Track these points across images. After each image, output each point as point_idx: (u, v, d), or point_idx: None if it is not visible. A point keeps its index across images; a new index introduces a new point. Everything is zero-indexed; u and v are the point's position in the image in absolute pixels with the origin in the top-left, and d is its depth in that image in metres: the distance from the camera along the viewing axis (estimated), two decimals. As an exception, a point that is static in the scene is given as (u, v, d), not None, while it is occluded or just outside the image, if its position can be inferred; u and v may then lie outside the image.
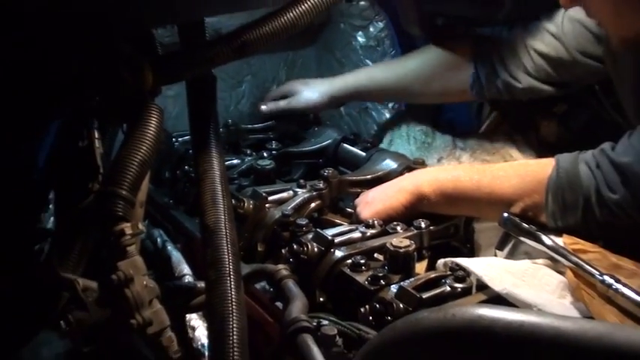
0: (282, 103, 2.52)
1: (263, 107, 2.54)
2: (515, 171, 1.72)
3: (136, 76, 1.28)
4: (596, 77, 2.03)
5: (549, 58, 2.05)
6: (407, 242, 1.58)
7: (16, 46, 1.17)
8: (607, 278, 1.42)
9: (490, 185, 1.70)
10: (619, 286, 1.40)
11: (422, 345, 1.05)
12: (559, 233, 1.59)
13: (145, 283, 1.25)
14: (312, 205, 1.88)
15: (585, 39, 1.97)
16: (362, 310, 1.49)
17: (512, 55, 2.12)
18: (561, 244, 1.55)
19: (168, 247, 1.89)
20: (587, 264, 1.47)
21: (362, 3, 2.74)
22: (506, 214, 1.65)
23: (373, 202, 1.84)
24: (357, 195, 1.96)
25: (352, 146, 2.28)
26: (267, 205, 1.84)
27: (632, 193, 1.50)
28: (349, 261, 1.59)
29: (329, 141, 2.32)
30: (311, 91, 2.50)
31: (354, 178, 2.03)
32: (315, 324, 1.39)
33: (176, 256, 1.84)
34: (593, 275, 1.44)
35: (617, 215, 1.52)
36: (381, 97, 2.56)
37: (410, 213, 1.81)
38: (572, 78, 2.08)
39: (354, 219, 1.89)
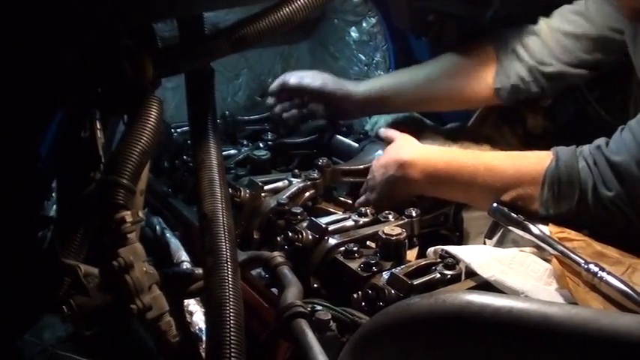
0: (307, 81, 2.33)
1: (291, 80, 2.35)
2: (512, 161, 1.72)
3: (137, 69, 1.30)
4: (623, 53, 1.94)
5: (576, 37, 1.98)
6: (398, 230, 1.60)
7: (20, 40, 1.19)
8: (592, 267, 1.44)
9: (484, 176, 1.71)
10: (603, 274, 1.42)
11: (413, 330, 1.07)
12: (546, 222, 1.61)
13: (144, 269, 1.27)
14: (307, 194, 1.91)
15: (611, 16, 1.91)
16: (355, 295, 1.52)
17: (539, 43, 2.04)
18: (547, 232, 1.57)
19: (167, 235, 1.90)
20: (573, 253, 1.49)
21: (355, -1, 2.77)
22: (495, 204, 1.67)
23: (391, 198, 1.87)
24: (350, 184, 2.01)
25: (345, 137, 2.31)
26: (262, 194, 1.87)
27: (626, 190, 1.51)
28: (342, 248, 1.62)
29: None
30: (334, 81, 2.31)
31: (347, 167, 2.05)
32: (309, 309, 1.41)
33: (175, 243, 1.85)
34: (578, 264, 1.46)
35: (611, 211, 1.54)
36: (402, 104, 2.31)
37: None
38: (602, 56, 2.00)
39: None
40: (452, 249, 1.58)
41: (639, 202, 1.51)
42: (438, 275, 1.53)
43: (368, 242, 1.69)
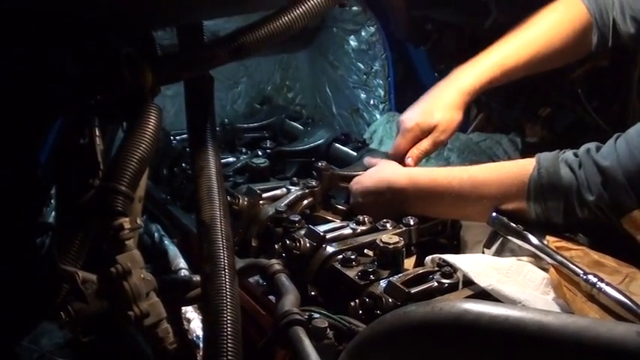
0: (427, 144, 2.01)
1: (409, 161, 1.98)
2: (495, 174, 1.71)
3: (137, 77, 1.30)
4: None
5: None
6: (396, 239, 1.60)
7: (21, 47, 1.20)
8: (591, 277, 1.44)
9: (470, 193, 1.71)
10: (602, 284, 1.42)
11: (410, 337, 1.07)
12: (544, 232, 1.60)
13: (142, 276, 1.26)
14: (305, 202, 1.91)
15: None
16: (352, 304, 1.52)
17: None
18: (546, 242, 1.57)
19: (165, 242, 1.91)
20: (571, 262, 1.49)
21: (354, 8, 2.78)
22: (495, 214, 1.66)
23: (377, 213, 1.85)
24: (348, 190, 1.99)
25: (343, 146, 2.32)
26: (261, 201, 1.87)
27: (610, 196, 1.50)
28: (340, 256, 1.62)
29: (321, 140, 2.35)
30: (440, 110, 1.98)
31: (346, 172, 2.06)
32: (306, 317, 1.41)
33: (173, 250, 1.86)
34: (577, 274, 1.46)
35: (597, 215, 1.53)
36: (513, 76, 2.04)
37: None
38: None
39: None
40: (449, 257, 1.58)
41: (621, 210, 1.50)
42: (436, 284, 1.53)
43: (366, 250, 1.69)
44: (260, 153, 2.32)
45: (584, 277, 1.45)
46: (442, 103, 1.98)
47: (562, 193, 1.57)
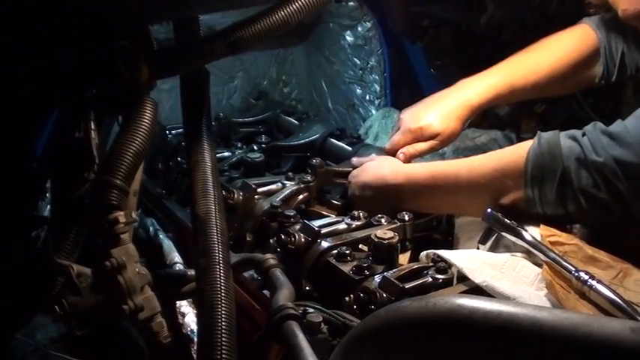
0: (424, 147, 2.01)
1: (400, 156, 1.98)
2: (491, 156, 1.73)
3: (133, 70, 1.30)
4: None
5: None
6: (391, 234, 1.61)
7: (17, 40, 1.20)
8: (582, 274, 1.44)
9: (467, 178, 1.71)
10: (593, 282, 1.42)
11: (404, 332, 1.07)
12: (538, 224, 1.60)
13: (137, 270, 1.26)
14: (300, 197, 1.92)
15: None
16: (346, 298, 1.52)
17: None
18: (539, 235, 1.57)
19: (160, 236, 1.91)
20: (564, 260, 1.49)
21: (351, 4, 2.78)
22: (489, 210, 1.65)
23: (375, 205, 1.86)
24: (343, 186, 1.99)
25: (339, 141, 2.32)
26: (256, 196, 1.88)
27: (616, 157, 1.48)
28: (335, 251, 1.62)
29: (316, 135, 2.36)
30: (444, 119, 1.99)
31: (340, 169, 2.05)
32: (301, 312, 1.40)
33: (167, 244, 1.86)
34: (569, 271, 1.46)
35: (596, 181, 1.51)
36: (518, 96, 2.09)
37: None
38: None
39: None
40: (444, 253, 1.58)
41: (626, 170, 1.48)
42: (430, 279, 1.53)
43: (360, 245, 1.70)
44: (255, 147, 2.33)
45: (576, 274, 1.45)
46: (447, 114, 2.00)
47: (560, 159, 1.56)
